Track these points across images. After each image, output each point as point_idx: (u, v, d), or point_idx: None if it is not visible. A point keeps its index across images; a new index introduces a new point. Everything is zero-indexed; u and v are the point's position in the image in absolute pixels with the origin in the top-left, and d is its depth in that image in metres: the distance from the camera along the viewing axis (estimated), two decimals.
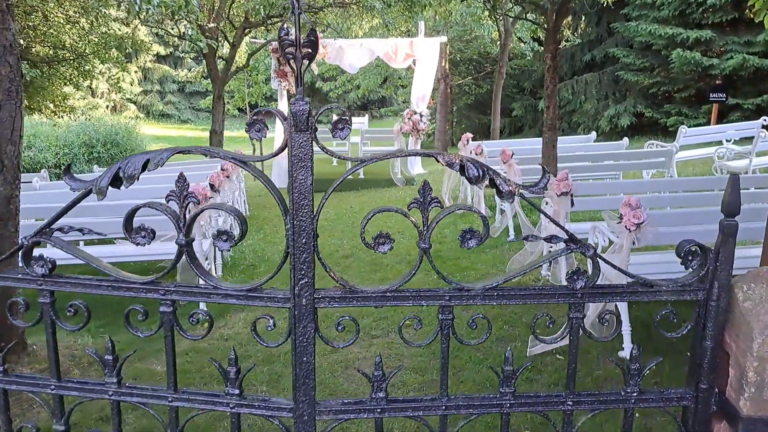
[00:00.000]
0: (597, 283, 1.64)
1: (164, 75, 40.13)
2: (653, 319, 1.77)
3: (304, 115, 1.51)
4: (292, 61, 1.48)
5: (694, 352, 1.76)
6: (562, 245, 1.65)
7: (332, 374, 4.22)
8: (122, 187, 1.58)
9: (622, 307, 4.29)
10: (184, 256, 1.66)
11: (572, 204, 5.46)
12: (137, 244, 1.60)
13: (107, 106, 35.41)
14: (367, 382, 1.74)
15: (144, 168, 1.55)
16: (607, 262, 1.68)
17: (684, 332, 1.76)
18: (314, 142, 1.55)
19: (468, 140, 9.83)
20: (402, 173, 12.64)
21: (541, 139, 7.08)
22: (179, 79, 38.53)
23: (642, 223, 4.34)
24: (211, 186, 6.32)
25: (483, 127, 22.00)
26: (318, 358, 2.13)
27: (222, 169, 6.94)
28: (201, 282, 1.72)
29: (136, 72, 37.81)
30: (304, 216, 1.56)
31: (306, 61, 1.50)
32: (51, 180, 11.19)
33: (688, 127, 11.41)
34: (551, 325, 1.70)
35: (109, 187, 1.58)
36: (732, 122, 13.74)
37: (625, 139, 9.94)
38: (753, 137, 9.36)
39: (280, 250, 7.64)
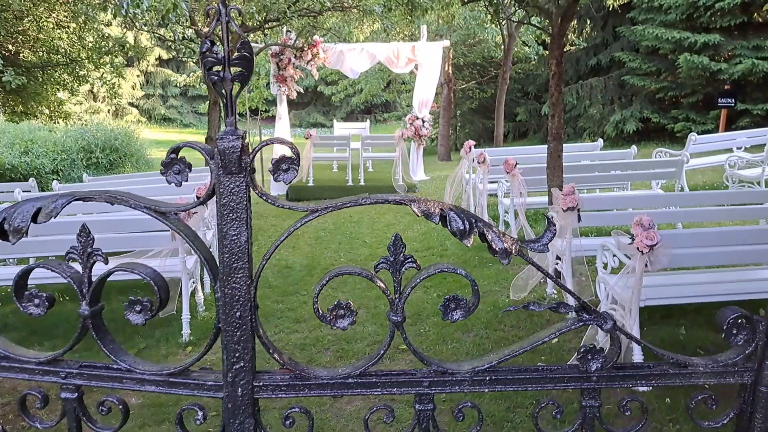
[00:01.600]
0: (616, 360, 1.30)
1: (166, 79, 39.83)
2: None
3: (235, 154, 1.15)
4: (219, 84, 1.13)
5: None
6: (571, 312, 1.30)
7: (320, 408, 3.85)
8: (10, 241, 1.24)
9: (635, 326, 3.91)
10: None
11: (579, 219, 5.14)
12: (30, 314, 1.25)
13: (109, 111, 35.15)
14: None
15: (34, 218, 1.21)
16: (629, 336, 1.32)
17: (725, 422, 1.40)
18: (250, 188, 1.19)
19: (470, 148, 9.47)
20: (403, 180, 12.31)
21: (546, 146, 6.71)
22: (179, 84, 38.26)
23: (656, 244, 3.99)
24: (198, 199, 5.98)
25: (487, 132, 21.64)
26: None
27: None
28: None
29: (138, 76, 37.57)
30: (238, 282, 1.20)
31: (238, 84, 1.15)
32: (44, 190, 10.82)
33: (697, 133, 10.99)
34: (559, 416, 1.34)
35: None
36: (741, 128, 13.32)
37: (633, 147, 9.56)
38: (765, 145, 8.96)
39: (273, 265, 7.24)
